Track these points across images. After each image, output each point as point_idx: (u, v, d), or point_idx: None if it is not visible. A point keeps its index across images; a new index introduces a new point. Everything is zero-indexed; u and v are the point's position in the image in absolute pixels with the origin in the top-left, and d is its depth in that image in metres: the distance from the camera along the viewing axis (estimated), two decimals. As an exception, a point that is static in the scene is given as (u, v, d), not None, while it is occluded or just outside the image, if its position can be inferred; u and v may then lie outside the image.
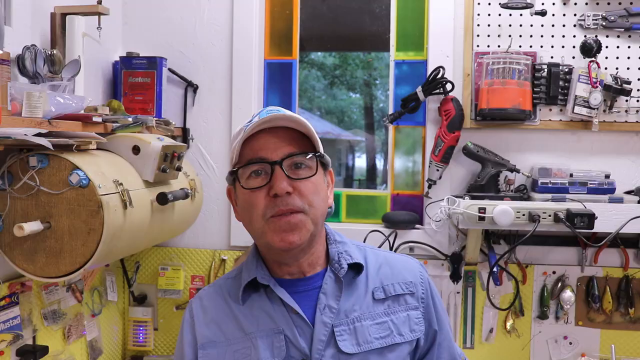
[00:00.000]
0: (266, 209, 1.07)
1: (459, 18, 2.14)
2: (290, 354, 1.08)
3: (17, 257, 1.51)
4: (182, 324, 1.20)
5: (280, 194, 1.06)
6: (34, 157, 1.46)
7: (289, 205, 1.06)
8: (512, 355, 2.18)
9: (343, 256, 1.15)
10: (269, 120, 1.08)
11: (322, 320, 1.09)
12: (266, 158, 1.08)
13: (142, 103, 2.13)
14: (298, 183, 1.08)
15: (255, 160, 1.09)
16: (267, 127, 1.10)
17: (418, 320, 1.14)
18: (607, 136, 2.12)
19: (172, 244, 2.33)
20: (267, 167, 1.08)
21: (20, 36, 1.67)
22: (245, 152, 1.11)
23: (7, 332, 1.62)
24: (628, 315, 2.11)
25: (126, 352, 2.33)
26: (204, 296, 1.22)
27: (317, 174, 1.11)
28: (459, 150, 2.11)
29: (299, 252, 1.11)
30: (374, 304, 1.13)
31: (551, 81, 2.06)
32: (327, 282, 1.13)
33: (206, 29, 2.29)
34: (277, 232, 1.07)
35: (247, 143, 1.10)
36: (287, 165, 1.08)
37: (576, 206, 1.90)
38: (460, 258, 2.14)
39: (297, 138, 1.11)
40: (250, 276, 1.14)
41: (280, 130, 1.10)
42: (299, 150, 1.09)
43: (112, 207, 1.51)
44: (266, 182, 1.08)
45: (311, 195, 1.09)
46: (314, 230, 1.10)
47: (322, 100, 2.67)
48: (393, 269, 1.18)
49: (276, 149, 1.08)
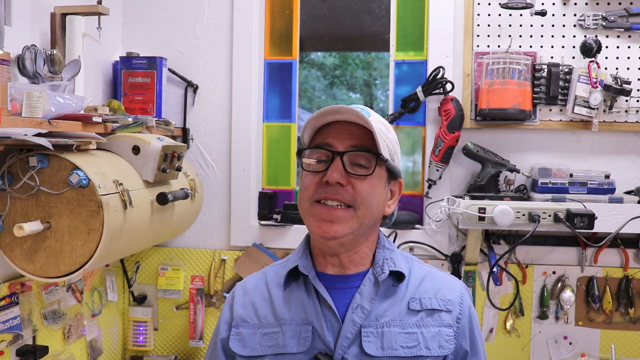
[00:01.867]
0: (314, 192, 1.10)
1: (459, 18, 2.14)
2: (314, 345, 1.11)
3: (17, 257, 1.51)
4: (222, 310, 1.25)
5: (331, 182, 1.08)
6: (34, 157, 1.46)
7: (337, 195, 1.09)
8: (512, 355, 2.18)
9: (387, 262, 1.17)
10: (340, 111, 1.11)
11: (352, 318, 1.11)
12: (332, 145, 1.11)
13: (142, 103, 2.13)
14: (354, 179, 1.10)
15: (322, 145, 1.12)
16: (343, 120, 1.13)
17: (449, 338, 1.13)
18: (607, 136, 2.12)
19: (172, 244, 2.33)
20: (329, 155, 1.11)
21: (20, 36, 1.67)
22: (317, 135, 1.15)
23: (7, 332, 1.62)
24: (628, 315, 2.11)
25: (126, 352, 2.33)
26: (248, 281, 1.27)
27: (373, 175, 1.11)
28: (459, 151, 2.11)
29: (338, 246, 1.12)
30: (408, 313, 1.14)
31: (551, 81, 2.06)
32: (366, 284, 1.14)
33: (206, 29, 2.29)
34: (316, 219, 1.10)
35: (322, 127, 1.14)
36: (348, 159, 1.10)
37: (576, 206, 1.90)
38: (460, 258, 2.14)
39: (366, 138, 1.12)
40: (294, 264, 1.18)
41: (354, 126, 1.12)
42: (362, 147, 1.11)
43: (112, 207, 1.51)
44: (324, 169, 1.11)
45: (364, 194, 1.10)
46: (358, 229, 1.11)
47: (322, 100, 2.67)
48: (435, 284, 1.18)
49: (343, 140, 1.11)
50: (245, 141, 2.27)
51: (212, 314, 2.29)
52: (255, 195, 2.30)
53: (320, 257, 1.17)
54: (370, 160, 1.11)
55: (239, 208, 2.28)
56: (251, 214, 2.29)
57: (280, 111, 2.37)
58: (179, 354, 2.33)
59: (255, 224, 2.28)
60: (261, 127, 2.34)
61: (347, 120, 1.13)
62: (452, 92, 2.11)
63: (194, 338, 2.28)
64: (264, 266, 2.22)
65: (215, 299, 2.28)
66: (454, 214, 1.99)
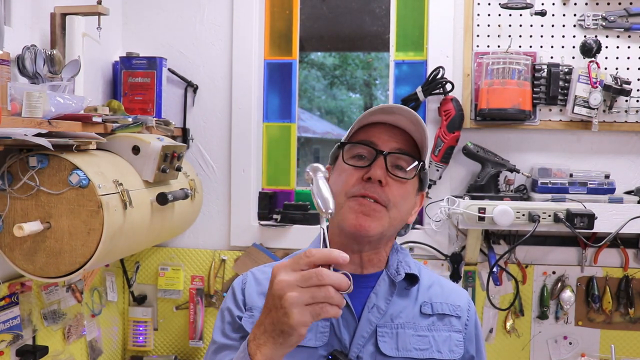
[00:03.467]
0: (353, 187, 1.11)
1: (459, 18, 2.14)
2: (331, 342, 1.11)
3: (17, 257, 1.51)
4: (231, 289, 1.22)
5: (374, 178, 1.09)
6: (34, 157, 1.46)
7: (376, 193, 1.09)
8: (512, 355, 2.18)
9: (402, 265, 1.18)
10: (395, 110, 1.11)
11: (368, 317, 1.12)
12: (377, 145, 1.12)
13: (142, 103, 2.13)
14: (392, 180, 1.11)
15: (367, 143, 1.13)
16: (390, 122, 1.14)
17: (459, 343, 1.15)
18: (607, 136, 2.12)
19: (172, 244, 2.33)
20: (373, 153, 1.12)
21: (20, 36, 1.67)
22: (359, 134, 1.16)
23: (7, 332, 1.63)
24: (628, 315, 2.11)
25: (126, 352, 2.33)
26: (257, 272, 1.24)
27: (411, 182, 1.14)
28: (459, 150, 2.11)
29: (365, 243, 1.13)
30: (420, 317, 1.15)
31: (551, 81, 2.06)
32: (381, 284, 1.15)
33: (206, 29, 2.29)
34: (354, 212, 1.10)
35: (365, 127, 1.16)
36: (390, 160, 1.12)
37: (576, 206, 1.90)
38: (460, 258, 2.14)
39: (409, 143, 1.14)
40: None
41: (398, 130, 1.14)
42: (407, 150, 1.13)
43: (112, 207, 1.51)
44: (366, 165, 1.11)
45: (399, 197, 1.11)
46: (387, 229, 1.12)
47: (322, 100, 2.67)
48: (444, 290, 1.21)
49: (388, 141, 1.13)
50: (245, 141, 2.27)
51: (212, 314, 2.29)
52: (255, 195, 2.30)
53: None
54: (411, 164, 1.13)
55: (238, 208, 2.28)
56: (251, 214, 2.29)
57: (280, 111, 2.37)
58: (179, 354, 2.33)
59: (255, 224, 2.28)
60: (261, 127, 2.34)
61: (392, 124, 1.14)
62: (452, 92, 2.11)
63: (194, 338, 2.28)
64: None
65: (215, 299, 2.28)
66: (454, 214, 1.99)
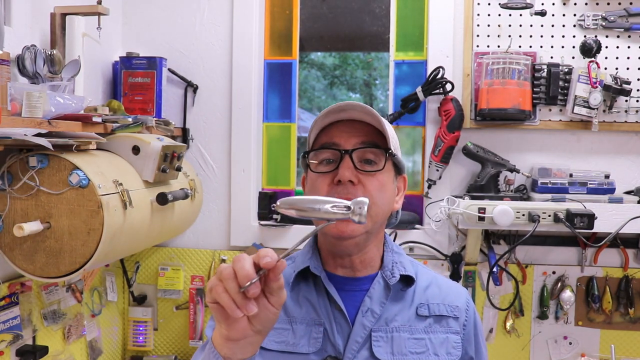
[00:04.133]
0: (327, 194, 1.09)
1: (459, 18, 2.14)
2: (325, 347, 1.09)
3: (17, 257, 1.51)
4: None
5: (344, 180, 1.07)
6: (34, 157, 1.46)
7: (350, 194, 1.06)
8: (512, 355, 2.18)
9: (397, 266, 1.15)
10: (347, 108, 1.10)
11: (362, 322, 1.10)
12: (339, 145, 1.10)
13: (142, 103, 2.13)
14: (363, 176, 1.09)
15: (329, 145, 1.11)
16: (346, 119, 1.12)
17: (456, 345, 1.13)
18: (606, 136, 2.12)
19: (172, 244, 2.33)
20: (337, 155, 1.10)
21: (20, 36, 1.67)
22: (321, 137, 1.13)
23: (7, 332, 1.63)
24: (628, 315, 2.11)
25: (126, 352, 2.33)
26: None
27: (384, 171, 1.11)
28: (458, 151, 2.11)
29: (352, 247, 1.11)
30: (416, 319, 1.13)
31: (551, 81, 2.06)
32: (375, 287, 1.13)
33: (206, 29, 2.29)
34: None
35: (324, 130, 1.13)
36: (356, 156, 1.09)
37: (576, 206, 1.90)
38: (460, 258, 2.14)
39: (373, 134, 1.11)
40: (304, 264, 1.16)
41: (357, 124, 1.12)
42: (370, 143, 1.10)
43: (112, 207, 1.51)
44: (334, 168, 1.09)
45: (374, 191, 1.09)
46: (371, 227, 1.10)
47: (322, 100, 2.67)
48: (441, 290, 1.18)
49: (349, 138, 1.10)
50: (245, 141, 2.27)
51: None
52: (255, 195, 2.30)
53: (330, 259, 1.16)
54: (379, 156, 1.11)
55: (238, 208, 2.28)
56: (251, 214, 2.29)
57: (280, 111, 2.37)
58: (179, 354, 2.33)
59: (255, 224, 2.28)
60: (261, 127, 2.35)
61: (350, 119, 1.12)
62: (452, 92, 2.11)
63: (194, 338, 2.28)
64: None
65: (215, 299, 2.28)
66: (453, 214, 1.99)
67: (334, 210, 0.89)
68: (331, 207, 0.89)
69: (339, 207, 0.89)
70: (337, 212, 0.89)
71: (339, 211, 0.89)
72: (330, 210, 0.89)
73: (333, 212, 0.89)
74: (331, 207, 0.89)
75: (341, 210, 0.89)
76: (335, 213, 0.89)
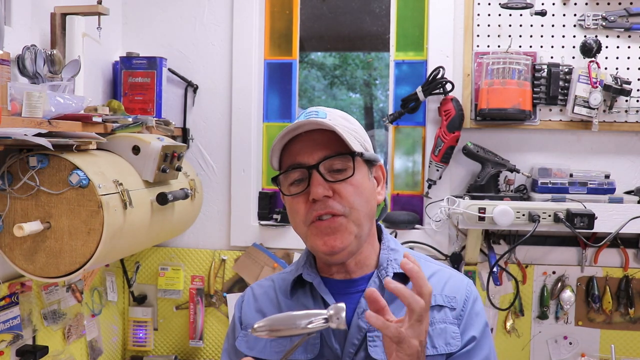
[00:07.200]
0: (306, 214, 1.08)
1: (459, 18, 2.14)
2: (322, 352, 1.09)
3: (17, 257, 1.51)
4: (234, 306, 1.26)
5: (318, 198, 1.06)
6: (34, 157, 1.46)
7: (327, 208, 1.06)
8: (512, 355, 2.18)
9: (391, 264, 1.15)
10: (297, 128, 1.08)
11: (358, 324, 1.09)
12: (303, 163, 1.08)
13: (142, 103, 2.13)
14: (337, 186, 1.07)
15: (294, 166, 1.09)
16: (303, 132, 1.09)
17: (455, 335, 1.11)
18: (607, 136, 2.12)
19: (172, 244, 2.33)
20: (305, 172, 1.08)
21: (20, 36, 1.67)
22: (285, 157, 1.12)
23: (7, 332, 1.63)
24: (628, 315, 2.11)
25: (126, 352, 2.33)
26: (256, 287, 1.26)
27: (356, 174, 1.09)
28: (459, 150, 2.11)
29: (346, 256, 1.10)
30: None
31: (551, 81, 2.06)
32: (371, 287, 1.11)
33: (206, 29, 2.29)
34: (320, 236, 1.08)
35: (286, 148, 1.11)
36: (324, 168, 1.08)
37: (576, 206, 1.90)
38: (460, 258, 2.14)
39: (334, 139, 1.09)
40: (298, 272, 1.17)
41: (316, 133, 1.09)
42: (333, 152, 1.08)
43: (112, 207, 1.51)
44: (305, 187, 1.08)
45: (351, 198, 1.08)
46: (358, 232, 1.09)
47: (322, 100, 2.67)
48: (440, 281, 1.16)
49: (312, 153, 1.08)
50: (245, 141, 2.27)
51: (212, 314, 2.29)
52: (255, 195, 2.30)
53: (325, 266, 1.16)
54: (346, 162, 1.09)
55: (238, 208, 2.28)
56: (251, 214, 2.29)
57: (280, 111, 2.37)
58: (179, 354, 2.33)
59: (255, 224, 2.28)
60: (261, 127, 2.35)
61: (308, 131, 1.09)
62: (452, 92, 2.11)
63: (194, 338, 2.28)
64: (263, 266, 2.24)
65: (215, 299, 2.28)
66: (454, 214, 1.99)
67: (312, 326, 0.91)
68: (308, 324, 0.91)
69: (317, 320, 0.92)
70: (316, 326, 0.91)
71: (317, 324, 0.91)
72: (308, 327, 0.91)
73: (311, 328, 0.91)
74: (308, 324, 0.91)
75: (319, 323, 0.91)
76: (314, 328, 0.91)
